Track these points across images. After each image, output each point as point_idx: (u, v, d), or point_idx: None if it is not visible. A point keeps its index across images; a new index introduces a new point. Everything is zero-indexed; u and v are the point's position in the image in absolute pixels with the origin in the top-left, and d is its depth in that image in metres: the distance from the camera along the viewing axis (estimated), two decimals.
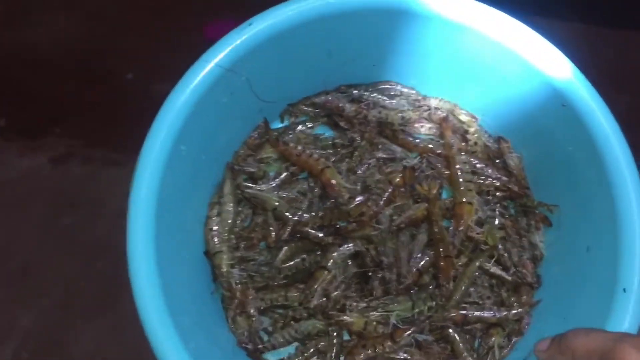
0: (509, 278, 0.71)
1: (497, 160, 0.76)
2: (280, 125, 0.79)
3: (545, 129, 0.69)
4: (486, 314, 0.69)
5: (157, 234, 0.60)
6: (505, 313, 0.69)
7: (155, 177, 0.61)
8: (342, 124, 0.76)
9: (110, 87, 0.88)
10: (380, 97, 0.76)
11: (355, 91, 0.77)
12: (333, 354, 0.69)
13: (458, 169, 0.73)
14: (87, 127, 0.87)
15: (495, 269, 0.71)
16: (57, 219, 0.82)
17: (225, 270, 0.69)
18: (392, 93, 0.77)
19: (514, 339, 0.70)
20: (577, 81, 0.63)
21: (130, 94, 0.87)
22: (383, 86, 0.77)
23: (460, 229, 0.71)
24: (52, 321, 0.78)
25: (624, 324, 0.56)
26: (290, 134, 0.77)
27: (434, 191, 0.72)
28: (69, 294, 0.79)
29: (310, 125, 0.78)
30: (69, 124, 0.87)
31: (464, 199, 0.71)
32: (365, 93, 0.76)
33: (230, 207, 0.72)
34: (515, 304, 0.70)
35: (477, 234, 0.71)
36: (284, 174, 0.74)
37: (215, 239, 0.70)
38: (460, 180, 0.73)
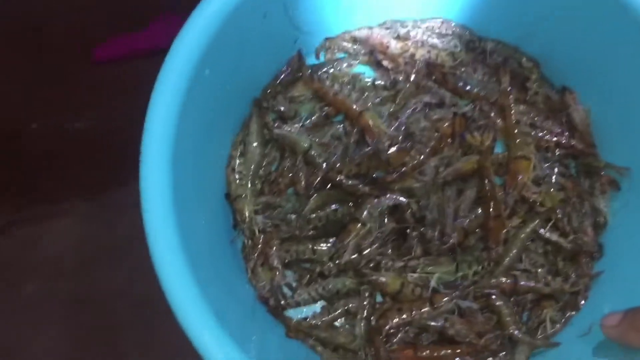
0: (567, 245, 0.63)
1: (560, 114, 0.67)
2: (316, 61, 0.71)
3: (620, 79, 0.61)
4: (539, 284, 0.61)
5: (175, 171, 0.52)
6: (560, 284, 0.61)
7: (174, 103, 0.53)
8: (385, 63, 0.68)
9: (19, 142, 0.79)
10: (430, 35, 0.68)
11: (402, 27, 0.68)
12: (364, 316, 0.61)
13: (515, 120, 0.65)
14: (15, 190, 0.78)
15: (551, 235, 0.63)
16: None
17: (247, 216, 0.62)
18: (443, 32, 0.69)
19: (569, 314, 0.62)
20: None
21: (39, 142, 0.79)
22: (433, 23, 0.69)
23: (515, 187, 0.62)
24: None
25: None
26: (326, 72, 0.68)
27: (487, 143, 0.64)
28: None
29: (349, 63, 0.69)
30: None
31: (521, 154, 0.63)
32: (414, 30, 0.68)
33: (256, 147, 0.64)
34: (572, 274, 0.62)
35: (534, 193, 0.63)
36: (317, 115, 0.67)
37: (238, 182, 0.62)
38: (517, 132, 0.64)
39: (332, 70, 0.69)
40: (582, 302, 0.62)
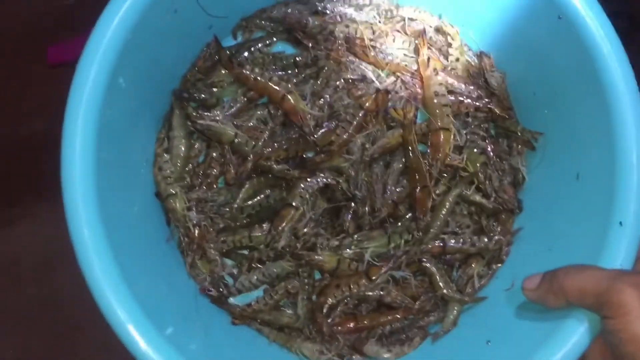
0: (490, 205, 0.66)
1: (478, 78, 0.68)
2: (234, 42, 0.68)
3: (534, 44, 0.62)
4: (465, 246, 0.65)
5: (98, 177, 0.52)
6: (485, 243, 0.65)
7: (89, 119, 0.52)
8: (304, 41, 0.67)
9: None
10: (347, 8, 0.67)
11: (318, 3, 0.66)
12: (305, 296, 0.64)
13: (434, 92, 0.65)
14: None
15: (475, 196, 0.66)
16: None
17: (180, 214, 0.61)
18: (359, 2, 0.68)
19: (494, 267, 0.67)
20: None
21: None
22: None
23: (438, 158, 0.64)
24: None
25: (618, 260, 0.52)
26: (245, 54, 0.67)
27: (410, 115, 0.65)
28: None
29: (267, 42, 0.68)
30: None
31: (440, 125, 0.65)
32: (330, 4, 0.66)
33: (180, 141, 0.64)
34: (496, 231, 0.66)
35: (456, 161, 0.65)
36: (241, 100, 0.66)
37: (167, 180, 0.62)
38: (436, 103, 0.65)
39: (252, 50, 0.67)
40: (506, 254, 0.67)
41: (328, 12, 0.66)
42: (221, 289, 0.64)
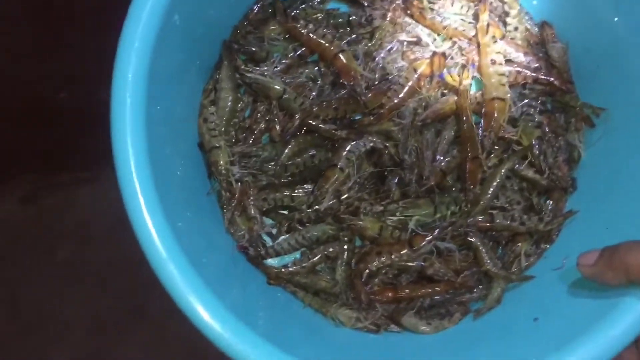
0: (543, 182, 0.64)
1: (539, 50, 0.65)
2: None
3: (599, 14, 0.60)
4: (514, 223, 0.62)
5: (148, 123, 0.51)
6: (535, 223, 0.62)
7: (145, 53, 0.51)
8: None
9: (49, 111, 0.77)
10: None
11: None
12: (344, 261, 0.62)
13: (491, 59, 0.63)
14: (43, 157, 0.78)
15: (528, 172, 0.64)
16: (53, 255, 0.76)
17: (223, 167, 0.60)
18: None
19: (543, 246, 0.64)
20: None
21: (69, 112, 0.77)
22: None
23: (491, 129, 0.62)
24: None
25: None
26: (298, 9, 0.65)
27: (466, 82, 0.62)
28: None
29: None
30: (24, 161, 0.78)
31: (496, 94, 0.62)
32: None
33: (227, 94, 0.62)
34: (547, 210, 0.63)
35: (510, 134, 0.62)
36: (291, 56, 0.64)
37: (212, 132, 0.60)
38: (492, 71, 0.62)
39: (305, 5, 0.66)
40: (556, 234, 0.64)
41: None
42: (259, 249, 0.62)
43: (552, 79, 0.64)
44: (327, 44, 0.62)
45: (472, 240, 0.62)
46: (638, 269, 0.45)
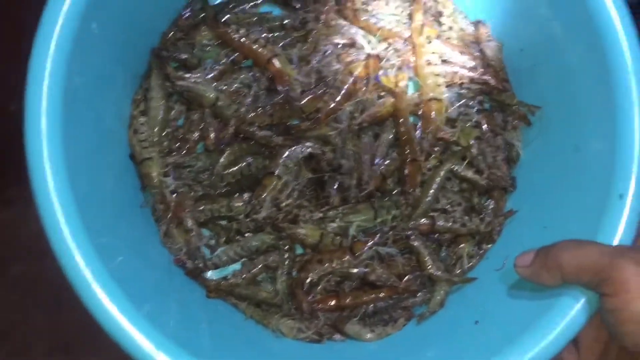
0: (483, 182, 0.63)
1: (475, 49, 0.65)
2: (218, 0, 0.65)
3: (534, 13, 0.59)
4: (456, 225, 0.62)
5: (65, 136, 0.48)
6: (477, 224, 0.62)
7: (59, 63, 0.48)
8: (292, 2, 0.63)
9: None
10: None
11: None
12: (284, 271, 0.60)
13: (427, 60, 0.62)
14: None
15: (467, 172, 0.63)
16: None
17: (156, 180, 0.58)
18: None
19: (484, 247, 0.64)
20: None
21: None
22: None
23: (429, 130, 0.61)
24: None
25: (617, 235, 0.49)
26: (230, 14, 0.63)
27: (402, 84, 0.62)
28: None
29: (254, 2, 0.64)
30: None
31: (432, 95, 0.61)
32: None
33: (158, 103, 0.60)
34: (488, 211, 0.63)
35: (448, 134, 0.62)
36: (224, 62, 0.62)
37: (143, 144, 0.58)
38: (428, 72, 0.62)
39: (237, 9, 0.64)
40: (497, 234, 0.64)
41: None
42: (197, 261, 0.60)
43: (488, 77, 0.64)
44: (260, 49, 0.61)
45: (414, 243, 0.62)
46: (572, 268, 0.44)
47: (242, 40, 0.61)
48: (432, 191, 0.62)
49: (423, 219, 0.62)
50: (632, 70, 0.51)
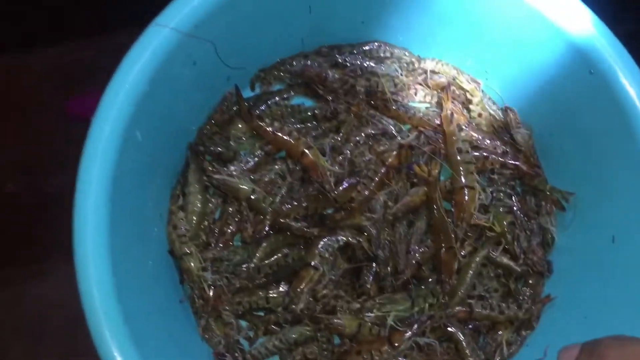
0: (518, 268, 0.63)
1: (504, 135, 0.66)
2: (251, 93, 0.67)
3: (562, 98, 0.60)
4: (493, 313, 0.61)
5: (111, 235, 0.50)
6: (515, 311, 0.62)
7: (104, 174, 0.50)
8: (324, 94, 0.65)
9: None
10: (368, 61, 0.65)
11: (338, 54, 0.65)
12: None
13: (458, 148, 0.63)
14: None
15: (502, 258, 0.63)
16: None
17: (195, 274, 0.58)
18: (381, 55, 0.66)
19: (524, 333, 0.63)
20: (608, 44, 0.54)
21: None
22: (371, 47, 0.66)
23: (463, 217, 0.62)
24: None
25: None
26: (263, 106, 0.65)
27: (434, 172, 0.62)
28: None
29: (285, 95, 0.66)
30: None
31: (464, 183, 0.62)
32: (351, 56, 0.65)
33: (196, 197, 0.61)
34: (525, 296, 0.63)
35: (482, 221, 0.62)
36: (258, 154, 0.63)
37: (182, 239, 0.59)
38: (459, 160, 0.62)
39: (270, 102, 0.66)
40: (537, 320, 0.63)
41: (348, 64, 0.65)
42: (236, 354, 0.60)
43: (519, 163, 0.64)
44: (293, 142, 0.62)
45: (452, 331, 0.61)
46: None
47: (275, 132, 0.62)
48: (468, 278, 0.62)
49: (460, 307, 0.61)
50: None
